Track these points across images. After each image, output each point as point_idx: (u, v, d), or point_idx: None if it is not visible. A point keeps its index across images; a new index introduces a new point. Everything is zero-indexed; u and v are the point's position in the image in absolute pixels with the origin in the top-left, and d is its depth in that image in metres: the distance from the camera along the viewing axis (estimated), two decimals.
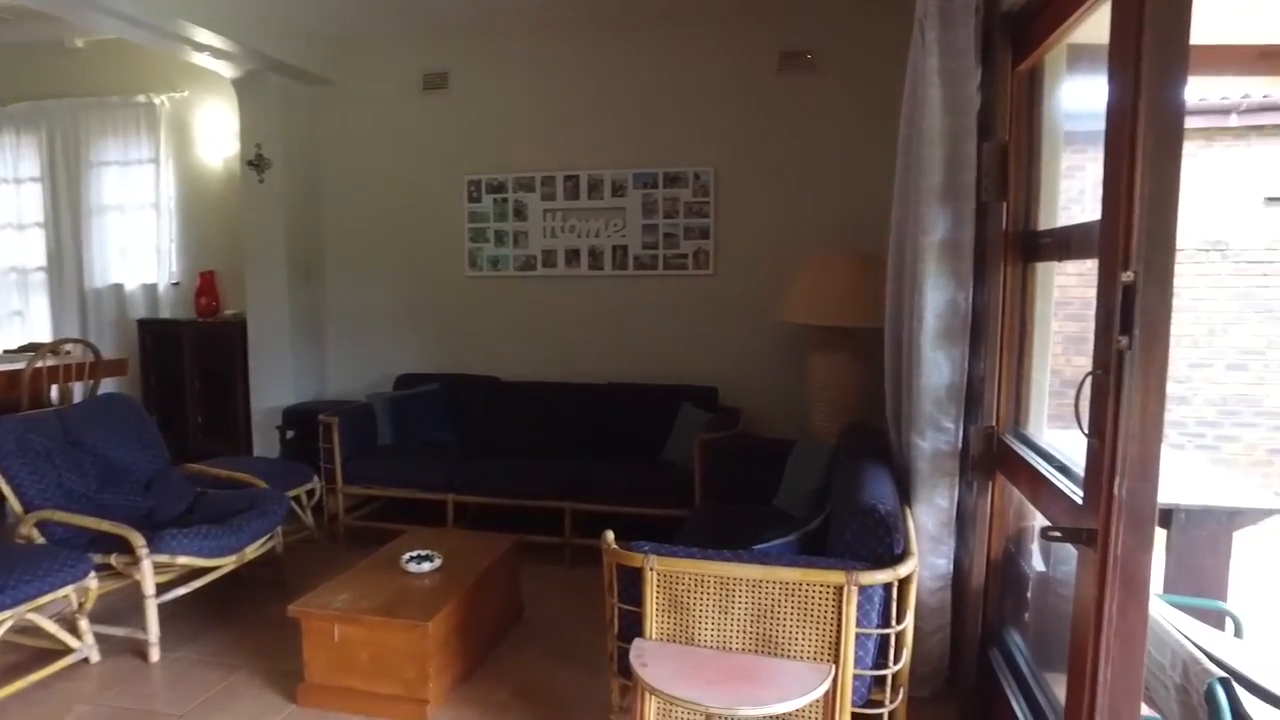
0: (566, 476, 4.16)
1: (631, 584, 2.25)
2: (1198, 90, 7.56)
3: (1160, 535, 3.23)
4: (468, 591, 2.93)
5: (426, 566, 3.06)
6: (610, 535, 2.31)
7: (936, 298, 2.55)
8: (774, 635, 2.16)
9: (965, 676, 2.73)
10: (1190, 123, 8.61)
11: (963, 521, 2.68)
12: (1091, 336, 1.82)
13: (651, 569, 2.21)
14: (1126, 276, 1.66)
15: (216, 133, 5.57)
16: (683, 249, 4.73)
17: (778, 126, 4.57)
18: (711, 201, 4.67)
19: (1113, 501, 1.71)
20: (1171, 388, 6.49)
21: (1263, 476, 6.42)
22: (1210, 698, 1.85)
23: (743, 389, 4.65)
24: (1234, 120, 8.69)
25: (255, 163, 4.95)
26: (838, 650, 2.12)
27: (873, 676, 2.22)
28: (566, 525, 4.13)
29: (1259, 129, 8.68)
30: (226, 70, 4.80)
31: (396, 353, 5.29)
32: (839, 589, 2.10)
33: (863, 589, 2.12)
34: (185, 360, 5.49)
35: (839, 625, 2.11)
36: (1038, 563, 2.76)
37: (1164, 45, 1.57)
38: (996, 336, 2.52)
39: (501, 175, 5.00)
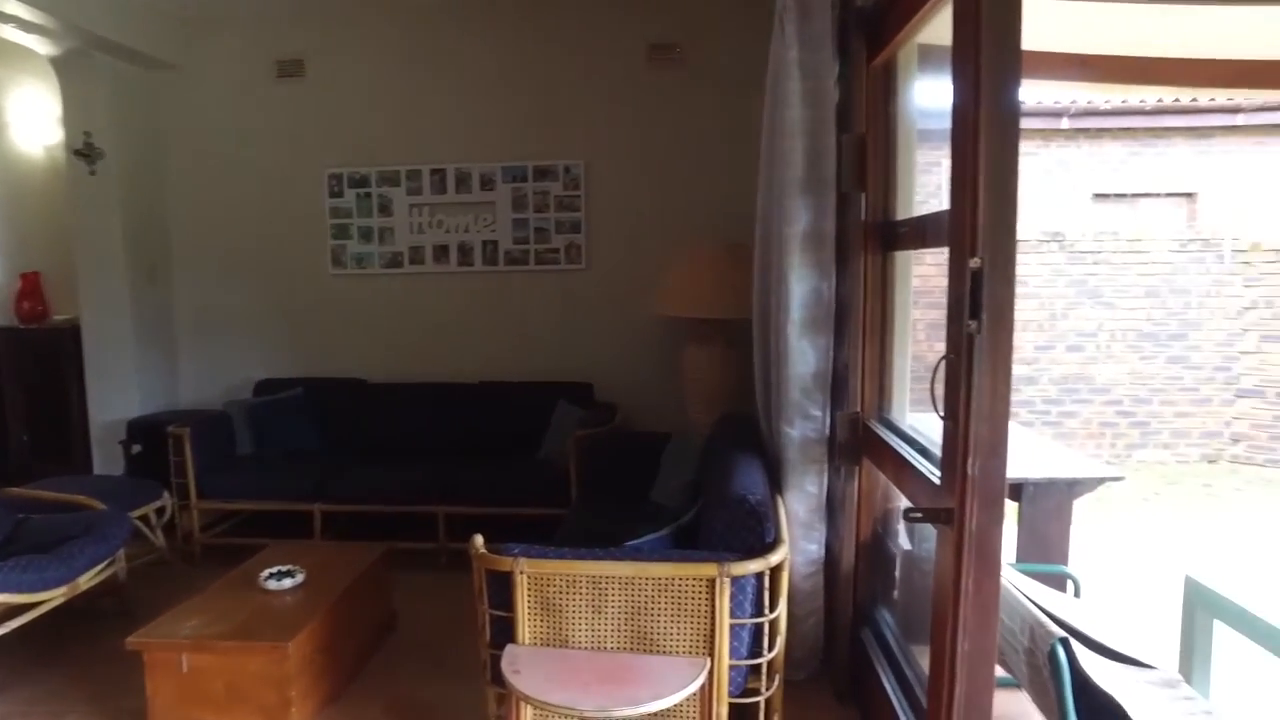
0: (438, 479, 4.02)
1: (502, 588, 2.18)
2: (1034, 94, 8.13)
3: (1012, 509, 3.43)
4: (332, 606, 2.77)
5: (287, 583, 2.87)
6: (479, 539, 2.22)
7: (801, 288, 2.59)
8: (649, 632, 2.13)
9: (839, 657, 2.80)
10: (1029, 124, 9.26)
11: (833, 506, 2.75)
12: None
13: (521, 572, 2.14)
14: (974, 263, 1.73)
15: (35, 118, 5.05)
16: (554, 243, 4.66)
17: (648, 119, 4.57)
18: (583, 195, 4.62)
19: (967, 480, 1.77)
20: (1019, 369, 6.97)
21: (1096, 447, 6.98)
22: (1052, 658, 1.96)
23: (619, 384, 4.63)
24: (1065, 123, 9.42)
25: (84, 152, 4.51)
26: (713, 643, 2.12)
27: (748, 666, 2.24)
28: (440, 530, 3.99)
29: (1086, 131, 9.44)
30: (42, 47, 4.33)
31: (256, 357, 4.96)
32: (711, 581, 2.10)
33: (735, 580, 2.12)
34: (3, 372, 4.96)
35: (713, 618, 2.11)
36: (904, 542, 2.86)
37: (999, 48, 1.65)
38: (859, 325, 2.60)
39: (364, 169, 4.77)
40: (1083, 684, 1.99)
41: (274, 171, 4.85)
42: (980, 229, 1.72)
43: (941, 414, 1.85)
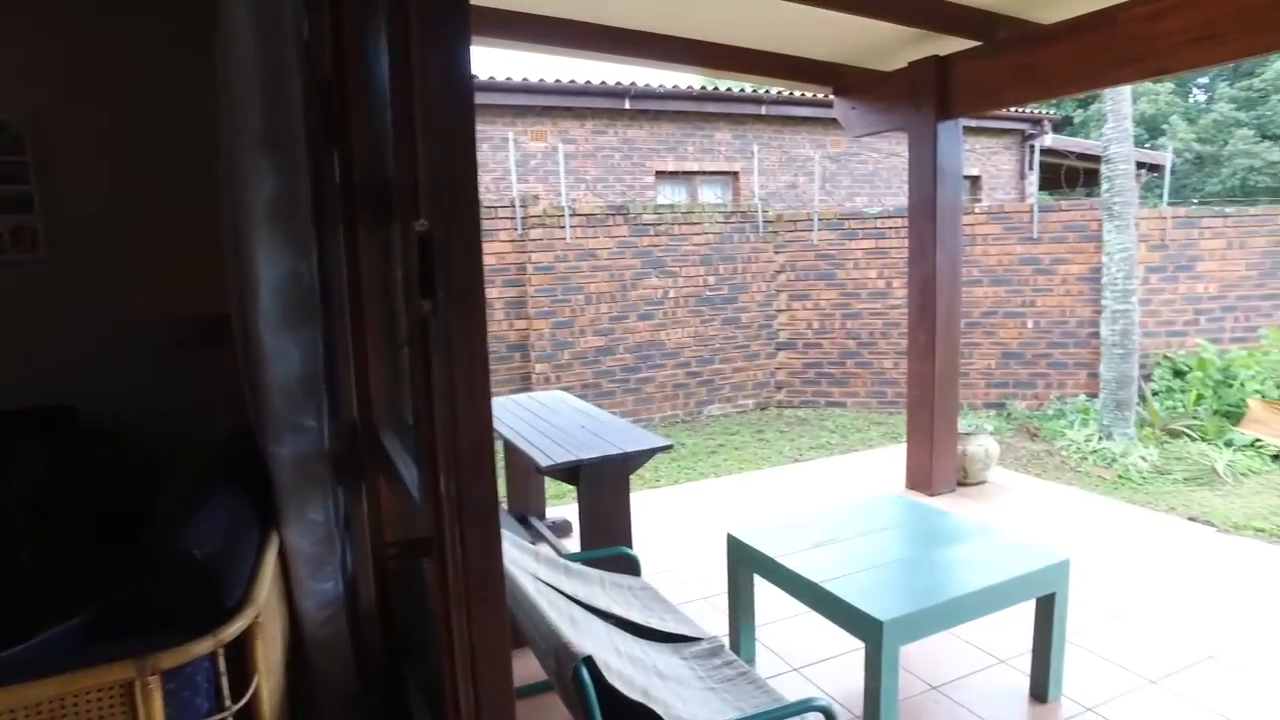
0: None
1: None
2: (600, 73, 8.43)
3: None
4: None
5: None
6: None
7: (273, 270, 2.04)
8: None
9: (376, 702, 2.36)
10: (595, 103, 9.64)
11: (352, 533, 2.28)
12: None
13: None
14: (420, 226, 1.35)
15: None
16: None
17: (111, 67, 3.57)
18: (31, 162, 3.48)
19: (442, 501, 1.41)
20: (597, 340, 7.21)
21: (672, 408, 7.48)
22: (576, 679, 1.73)
23: (115, 404, 3.62)
24: (628, 104, 9.99)
25: None
26: None
27: None
28: None
29: (647, 113, 10.12)
30: None
31: None
32: (129, 686, 1.49)
33: (173, 674, 1.54)
34: None
35: None
36: None
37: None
38: (355, 311, 2.14)
39: None
40: (611, 698, 1.81)
41: None
42: (425, 186, 1.34)
43: (411, 420, 1.49)
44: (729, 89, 10.63)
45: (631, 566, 2.88)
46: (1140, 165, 13.05)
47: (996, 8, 4.05)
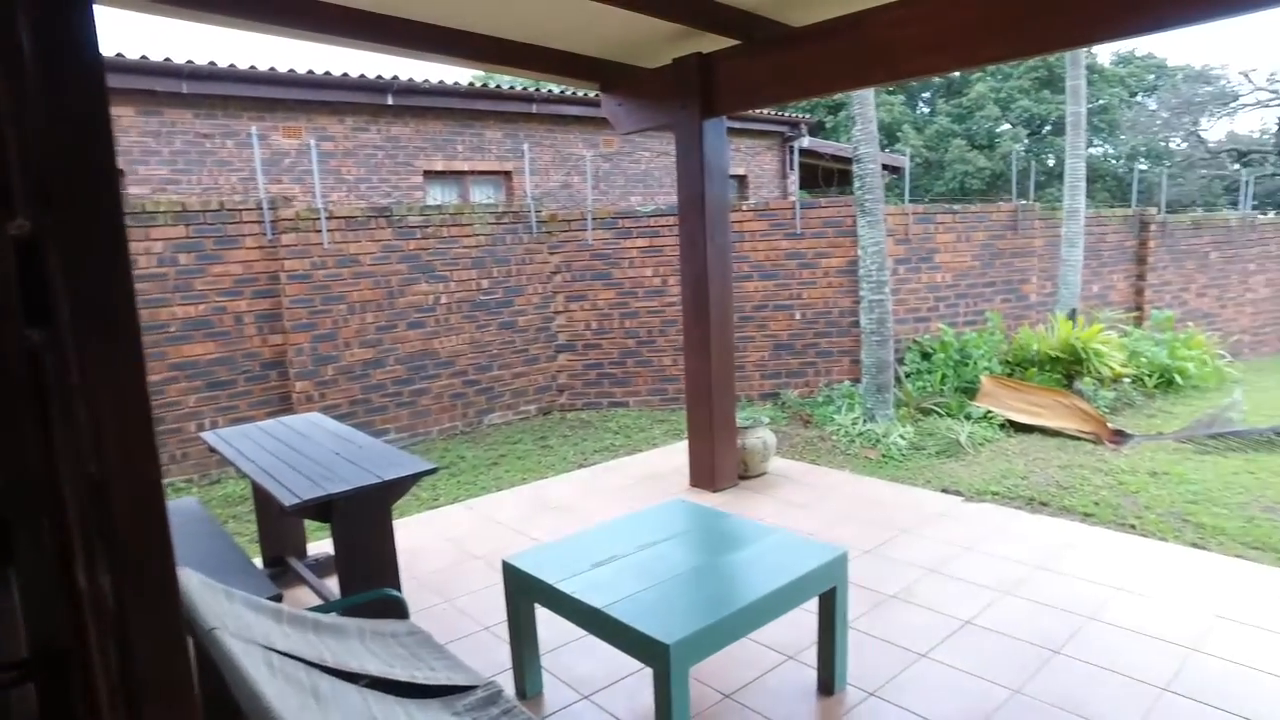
0: None
1: None
2: (360, 66, 7.78)
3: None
4: None
5: None
6: None
7: None
8: None
9: None
10: (352, 98, 8.94)
11: None
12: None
13: None
14: (18, 228, 0.98)
15: None
16: None
17: None
18: None
19: (85, 601, 1.05)
20: (365, 353, 6.64)
21: (450, 420, 7.08)
22: None
23: None
24: (391, 100, 9.38)
25: None
26: None
27: None
28: None
29: (412, 109, 9.57)
30: None
31: None
32: None
33: None
34: None
35: None
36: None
37: None
38: None
39: None
40: None
41: None
42: (22, 174, 0.97)
43: None
44: (498, 86, 10.33)
45: (397, 609, 2.56)
46: (885, 168, 14.40)
47: (752, 7, 4.12)
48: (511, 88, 10.40)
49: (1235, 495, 4.96)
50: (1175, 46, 44.12)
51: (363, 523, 2.86)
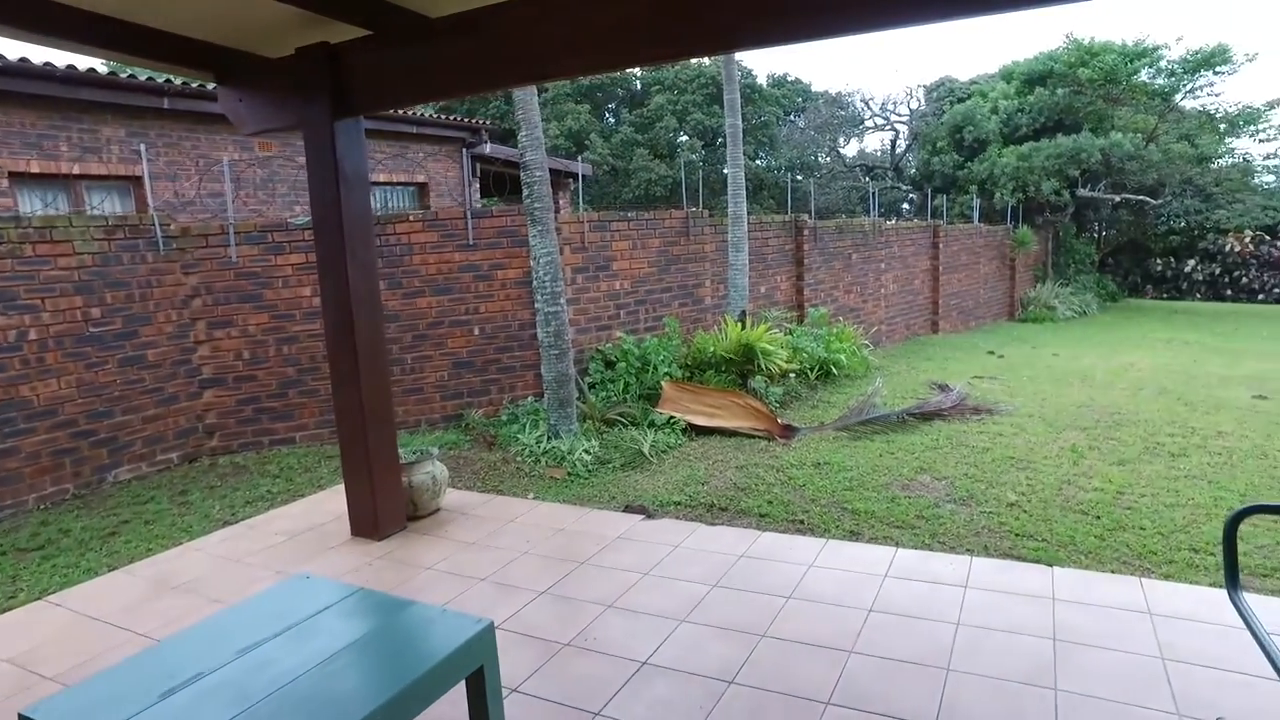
0: None
1: None
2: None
3: None
4: None
5: None
6: None
7: None
8: None
9: None
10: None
11: None
12: None
13: None
14: None
15: None
16: None
17: None
18: None
19: None
20: None
21: (53, 482, 5.72)
22: None
23: None
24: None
25: None
26: None
27: None
28: None
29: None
30: None
31: None
32: None
33: None
34: None
35: None
36: None
37: None
38: None
39: None
40: None
41: None
42: None
43: None
44: (115, 73, 8.68)
45: None
46: (568, 175, 14.50)
47: None
48: (131, 76, 8.82)
49: (880, 477, 5.44)
50: (818, 72, 50.65)
51: None
